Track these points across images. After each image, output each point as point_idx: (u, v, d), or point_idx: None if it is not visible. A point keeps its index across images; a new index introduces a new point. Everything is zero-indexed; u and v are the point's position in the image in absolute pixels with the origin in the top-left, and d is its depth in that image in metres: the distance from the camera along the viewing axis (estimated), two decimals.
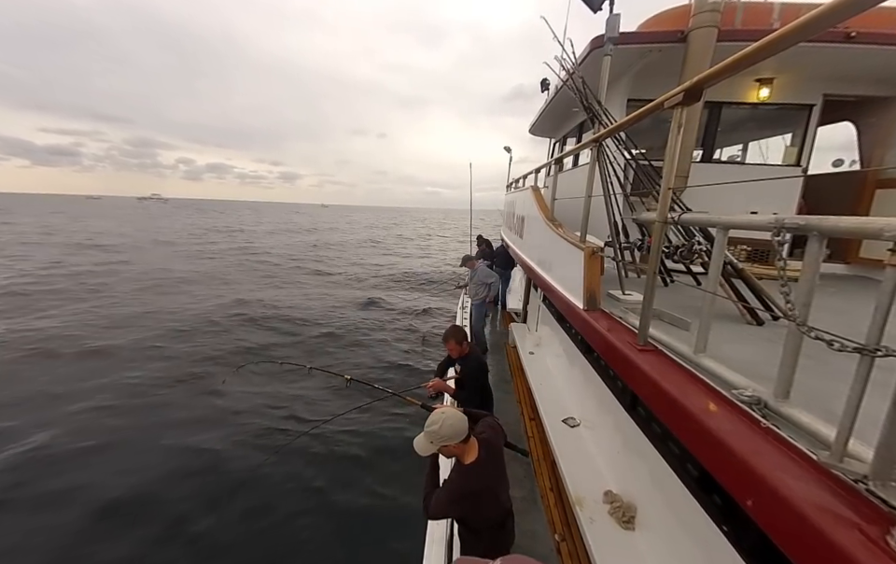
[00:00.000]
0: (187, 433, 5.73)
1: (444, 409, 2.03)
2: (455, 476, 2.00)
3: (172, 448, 5.40)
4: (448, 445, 1.94)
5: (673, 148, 1.82)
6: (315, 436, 5.21)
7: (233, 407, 6.45)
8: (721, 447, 1.31)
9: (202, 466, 5.08)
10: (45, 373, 7.48)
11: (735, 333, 2.49)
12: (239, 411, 6.37)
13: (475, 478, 1.97)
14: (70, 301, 12.34)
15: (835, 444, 1.12)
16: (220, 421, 6.09)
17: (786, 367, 1.35)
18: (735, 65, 1.42)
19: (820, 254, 1.24)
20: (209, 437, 5.66)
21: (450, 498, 1.95)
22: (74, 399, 6.55)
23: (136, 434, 5.71)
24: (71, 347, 8.64)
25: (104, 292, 13.51)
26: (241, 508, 4.46)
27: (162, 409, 6.42)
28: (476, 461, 1.98)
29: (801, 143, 4.90)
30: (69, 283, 14.62)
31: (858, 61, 4.15)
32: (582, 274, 2.78)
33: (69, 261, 19.24)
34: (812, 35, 1.13)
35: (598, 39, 4.21)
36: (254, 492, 4.69)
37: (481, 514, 2.01)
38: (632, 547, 2.35)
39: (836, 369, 1.67)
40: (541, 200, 4.62)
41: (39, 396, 6.64)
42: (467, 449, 1.99)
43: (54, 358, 8.16)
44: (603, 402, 3.01)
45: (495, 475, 2.07)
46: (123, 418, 6.10)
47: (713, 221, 1.77)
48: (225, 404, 6.53)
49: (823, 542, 0.96)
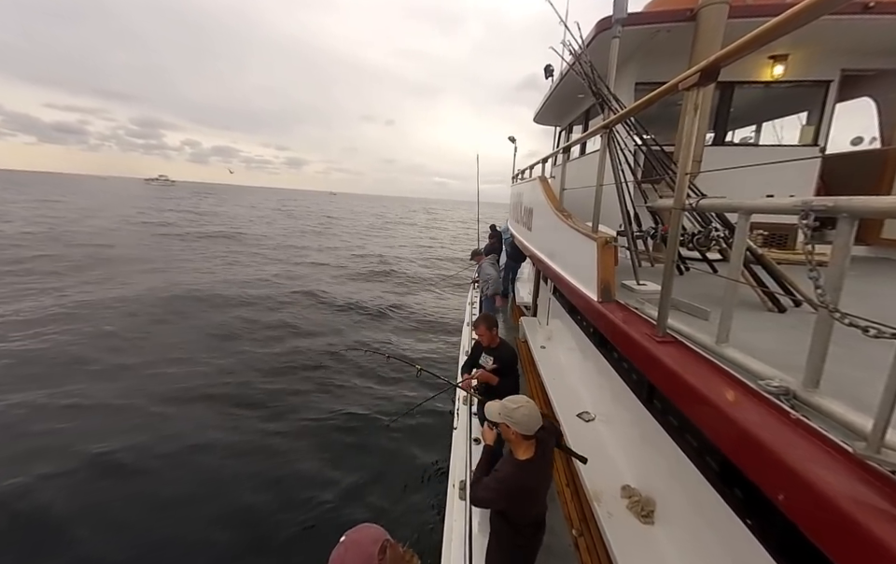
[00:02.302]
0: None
1: (529, 400, 2.06)
2: (508, 469, 2.02)
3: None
4: (510, 428, 1.98)
5: (689, 131, 1.75)
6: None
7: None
8: (749, 440, 1.26)
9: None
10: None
11: (756, 321, 2.42)
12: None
13: (528, 475, 2.00)
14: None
15: (872, 434, 1.07)
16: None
17: (815, 355, 1.30)
18: (755, 42, 1.35)
19: (851, 237, 1.18)
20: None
21: (499, 489, 1.98)
22: None
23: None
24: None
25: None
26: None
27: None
28: (531, 459, 2.00)
29: (818, 121, 4.74)
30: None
31: (877, 33, 3.98)
32: (596, 264, 2.72)
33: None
34: (835, 8, 1.07)
35: (606, 21, 4.09)
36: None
37: (524, 512, 2.04)
38: (652, 541, 2.31)
39: (864, 356, 1.61)
40: (549, 190, 4.55)
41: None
42: (524, 444, 2.01)
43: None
44: (618, 396, 2.97)
45: (544, 477, 2.11)
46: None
47: (735, 206, 1.71)
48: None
49: (862, 537, 0.92)
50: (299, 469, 5.18)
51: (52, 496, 4.49)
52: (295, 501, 4.63)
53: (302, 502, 4.64)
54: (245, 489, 4.79)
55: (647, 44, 4.42)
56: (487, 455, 2.25)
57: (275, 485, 4.88)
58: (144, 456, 5.19)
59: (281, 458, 5.34)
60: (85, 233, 22.82)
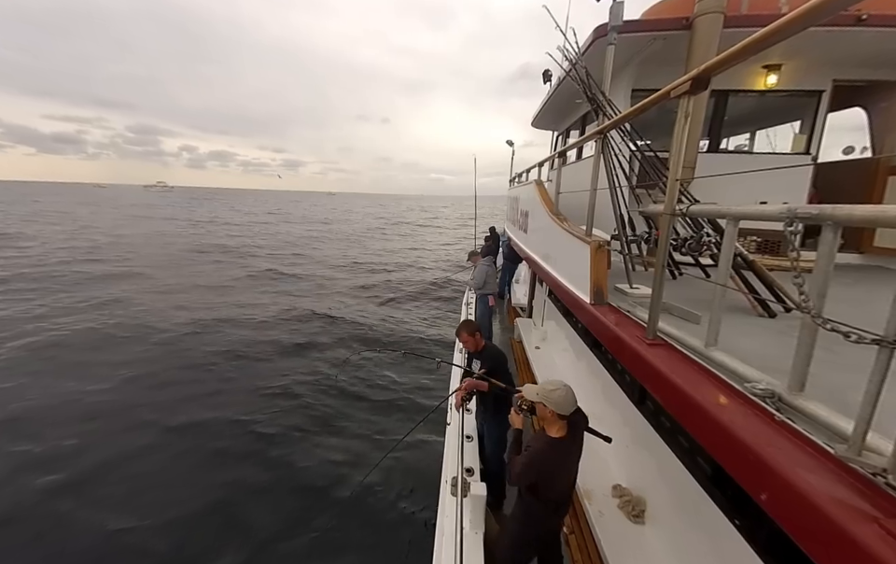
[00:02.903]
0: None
1: (566, 384, 2.18)
2: (539, 445, 2.15)
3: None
4: (546, 408, 2.12)
5: (680, 138, 1.78)
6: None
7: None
8: (734, 441, 1.29)
9: None
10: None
11: (746, 326, 2.46)
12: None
13: (559, 452, 2.13)
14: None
15: (853, 436, 1.10)
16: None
17: (800, 359, 1.32)
18: (744, 51, 1.38)
19: (835, 244, 1.21)
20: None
21: (531, 462, 2.11)
22: None
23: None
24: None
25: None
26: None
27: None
28: (563, 438, 2.13)
29: (810, 130, 4.81)
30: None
31: (869, 44, 4.05)
32: (589, 268, 2.75)
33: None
34: (825, 19, 1.10)
35: (602, 28, 4.14)
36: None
37: (553, 488, 2.16)
38: (641, 540, 2.34)
39: (850, 361, 1.64)
40: (545, 194, 4.58)
41: None
42: (558, 424, 2.13)
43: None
44: (610, 397, 2.99)
45: (573, 458, 2.24)
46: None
47: (723, 212, 1.74)
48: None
49: (841, 537, 0.94)
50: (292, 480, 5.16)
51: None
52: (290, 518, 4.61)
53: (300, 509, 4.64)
54: (243, 491, 4.80)
55: (643, 51, 4.47)
56: (517, 438, 2.39)
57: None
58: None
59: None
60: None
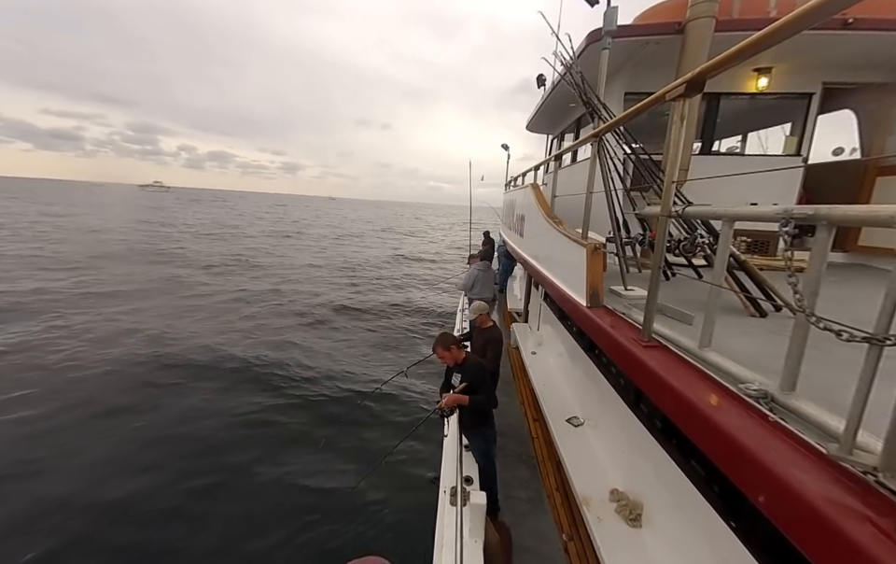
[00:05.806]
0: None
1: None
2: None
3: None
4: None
5: (675, 140, 1.79)
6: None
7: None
8: (730, 443, 1.29)
9: None
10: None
11: (738, 326, 2.47)
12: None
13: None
14: None
15: (844, 436, 1.10)
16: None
17: (792, 359, 1.33)
18: (738, 55, 1.39)
19: (829, 244, 1.22)
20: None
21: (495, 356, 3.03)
22: None
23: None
24: None
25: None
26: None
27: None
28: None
29: (801, 132, 4.87)
30: None
31: (857, 47, 4.12)
32: (585, 271, 2.76)
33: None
34: (816, 23, 1.11)
35: (596, 33, 4.17)
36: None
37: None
38: (640, 544, 2.33)
39: (840, 359, 1.65)
40: (541, 197, 4.60)
41: None
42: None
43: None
44: (606, 400, 3.00)
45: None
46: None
47: (718, 214, 1.75)
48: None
49: (835, 536, 0.94)
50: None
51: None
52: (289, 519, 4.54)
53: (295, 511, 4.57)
54: (237, 495, 4.73)
55: (636, 55, 4.52)
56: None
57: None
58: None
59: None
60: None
